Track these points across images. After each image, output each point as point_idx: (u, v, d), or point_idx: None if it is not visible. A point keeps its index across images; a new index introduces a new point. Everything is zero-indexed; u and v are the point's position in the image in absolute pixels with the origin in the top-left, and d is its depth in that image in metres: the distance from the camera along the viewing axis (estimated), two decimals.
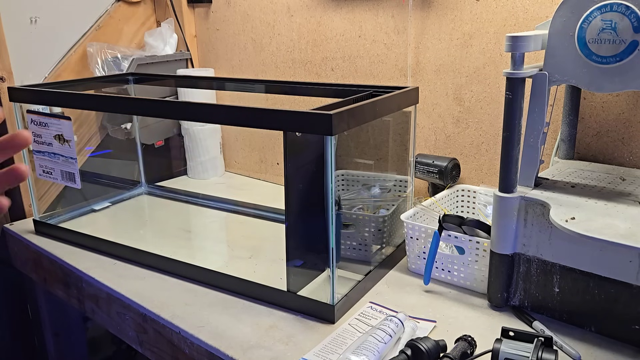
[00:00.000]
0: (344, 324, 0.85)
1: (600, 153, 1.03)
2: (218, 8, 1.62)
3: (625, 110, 0.99)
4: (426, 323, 0.84)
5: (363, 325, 0.84)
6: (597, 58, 0.74)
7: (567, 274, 0.80)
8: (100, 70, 1.48)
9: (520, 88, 0.79)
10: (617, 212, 0.76)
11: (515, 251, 0.84)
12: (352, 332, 0.82)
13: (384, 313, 0.86)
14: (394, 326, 0.78)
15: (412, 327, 0.81)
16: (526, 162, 0.83)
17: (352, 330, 0.83)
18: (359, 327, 0.83)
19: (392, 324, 0.79)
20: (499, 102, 1.13)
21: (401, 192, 1.14)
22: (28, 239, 1.23)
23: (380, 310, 0.88)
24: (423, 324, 0.83)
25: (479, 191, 1.10)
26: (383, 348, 0.75)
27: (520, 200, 0.82)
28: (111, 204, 1.43)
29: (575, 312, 0.81)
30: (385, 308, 0.88)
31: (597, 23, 0.73)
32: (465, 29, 1.15)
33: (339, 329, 0.83)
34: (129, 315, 0.98)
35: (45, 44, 1.44)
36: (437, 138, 1.25)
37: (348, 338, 0.80)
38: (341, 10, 1.34)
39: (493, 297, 0.87)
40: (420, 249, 0.98)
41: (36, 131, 1.16)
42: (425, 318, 0.85)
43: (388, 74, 1.29)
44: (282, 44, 1.48)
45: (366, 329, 0.80)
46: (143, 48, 1.63)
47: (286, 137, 0.82)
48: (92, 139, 1.54)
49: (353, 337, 0.80)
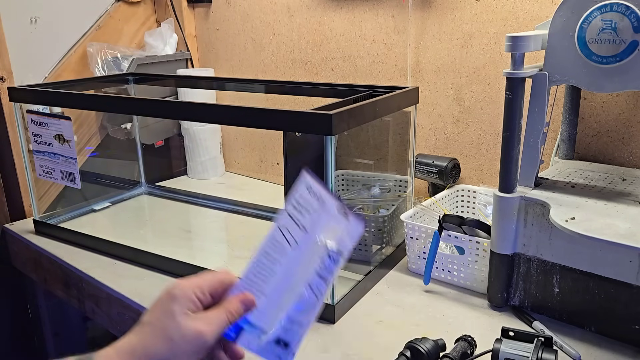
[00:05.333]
0: (344, 324, 0.85)
1: (600, 153, 1.03)
2: (218, 8, 1.62)
3: (625, 110, 0.99)
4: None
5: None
6: (597, 58, 0.74)
7: (567, 274, 0.80)
8: (100, 70, 1.48)
9: (520, 88, 0.79)
10: (617, 212, 0.76)
11: (515, 251, 0.84)
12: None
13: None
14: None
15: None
16: (526, 162, 0.83)
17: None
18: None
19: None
20: (499, 102, 1.13)
21: (401, 192, 1.14)
22: (28, 239, 1.23)
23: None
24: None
25: (479, 191, 1.10)
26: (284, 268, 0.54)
27: (520, 200, 0.82)
28: (111, 204, 1.43)
29: (575, 312, 0.81)
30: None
31: (597, 23, 0.73)
32: (465, 29, 1.15)
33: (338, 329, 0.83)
34: (129, 315, 0.98)
35: (45, 44, 1.44)
36: (437, 138, 1.25)
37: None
38: (341, 10, 1.34)
39: (493, 297, 0.87)
40: (420, 249, 0.98)
41: (36, 131, 1.16)
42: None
43: (388, 74, 1.29)
44: (282, 44, 1.48)
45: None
46: (143, 48, 1.63)
47: (286, 137, 0.82)
48: (92, 139, 1.54)
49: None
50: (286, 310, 0.54)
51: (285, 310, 0.54)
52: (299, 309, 0.55)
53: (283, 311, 0.54)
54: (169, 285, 0.50)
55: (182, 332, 0.47)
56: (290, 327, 0.54)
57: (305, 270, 0.55)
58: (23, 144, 1.22)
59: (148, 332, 0.48)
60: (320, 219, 0.56)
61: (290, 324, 0.54)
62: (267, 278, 0.54)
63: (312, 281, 0.55)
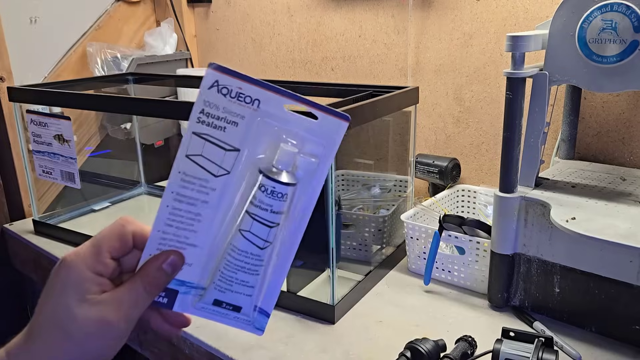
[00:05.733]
0: (344, 324, 0.85)
1: (601, 153, 1.03)
2: (218, 8, 1.62)
3: (626, 110, 0.98)
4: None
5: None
6: (598, 58, 0.74)
7: (568, 274, 0.80)
8: (99, 70, 1.48)
9: (520, 88, 0.78)
10: (617, 212, 0.76)
11: (516, 251, 0.84)
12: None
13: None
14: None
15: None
16: (526, 162, 0.83)
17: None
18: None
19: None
20: (500, 102, 1.13)
21: (401, 192, 1.14)
22: (28, 239, 1.23)
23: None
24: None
25: (479, 191, 1.10)
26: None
27: (520, 201, 0.82)
28: (111, 204, 1.42)
29: (576, 312, 0.80)
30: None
31: (598, 23, 0.73)
32: (465, 28, 1.15)
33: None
34: None
35: (45, 43, 1.44)
36: (437, 138, 1.25)
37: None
38: (341, 10, 1.33)
39: (493, 297, 0.87)
40: (420, 249, 0.97)
41: (36, 131, 1.16)
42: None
43: (388, 73, 1.29)
44: (282, 43, 1.48)
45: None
46: (143, 48, 1.62)
47: None
48: (91, 139, 1.54)
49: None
50: (217, 264, 0.42)
51: (216, 264, 0.42)
52: (234, 262, 0.42)
53: (214, 264, 0.42)
54: (59, 262, 0.40)
55: (83, 326, 0.38)
56: (228, 286, 0.42)
57: (243, 205, 0.41)
58: (22, 144, 1.22)
59: (41, 332, 0.39)
60: (254, 127, 0.40)
61: (227, 283, 0.42)
62: (192, 225, 0.41)
63: (247, 223, 0.41)
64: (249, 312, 0.43)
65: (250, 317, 0.43)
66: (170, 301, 0.42)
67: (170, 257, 0.41)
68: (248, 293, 0.43)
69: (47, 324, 0.39)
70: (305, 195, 0.42)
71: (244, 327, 0.44)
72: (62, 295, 0.38)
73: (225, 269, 0.42)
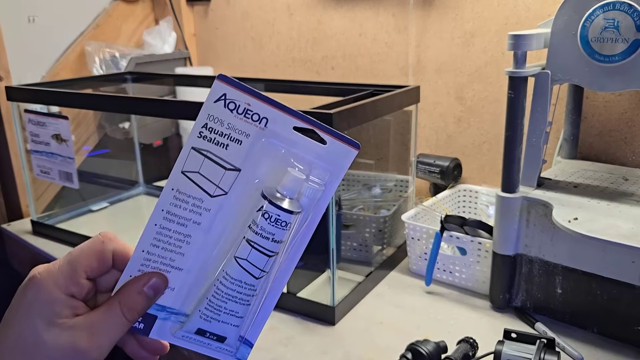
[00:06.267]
0: (344, 325, 0.84)
1: (603, 153, 1.02)
2: (217, 6, 1.61)
3: (628, 110, 0.98)
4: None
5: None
6: (600, 57, 0.73)
7: (570, 274, 0.79)
8: (98, 69, 1.48)
9: (522, 87, 0.78)
10: (619, 212, 0.75)
11: (518, 252, 0.83)
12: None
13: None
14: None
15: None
16: (528, 161, 0.82)
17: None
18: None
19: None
20: (501, 101, 1.12)
21: (402, 192, 1.13)
22: (26, 240, 1.22)
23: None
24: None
25: (480, 191, 1.09)
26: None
27: (522, 201, 0.81)
28: (109, 204, 1.42)
29: (578, 313, 0.80)
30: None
31: (600, 22, 0.72)
32: (466, 27, 1.14)
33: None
34: None
35: (43, 42, 1.43)
36: (439, 137, 1.25)
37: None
38: (341, 8, 1.33)
39: (495, 298, 0.87)
40: (421, 249, 0.97)
41: (34, 131, 1.15)
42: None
43: (389, 72, 1.28)
44: (282, 42, 1.48)
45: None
46: (141, 47, 1.62)
47: None
48: (90, 138, 1.53)
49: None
50: (205, 291, 0.39)
51: (203, 291, 0.39)
52: (225, 291, 0.39)
53: (201, 291, 0.39)
54: (27, 279, 0.36)
55: (52, 354, 0.34)
56: (216, 316, 0.39)
57: (240, 229, 0.38)
58: (20, 143, 1.21)
59: (3, 358, 0.35)
60: (259, 147, 0.37)
61: (215, 312, 0.39)
62: (180, 247, 0.38)
63: (244, 251, 0.38)
64: (233, 343, 0.40)
65: (233, 348, 0.40)
66: (147, 327, 0.39)
67: (153, 279, 0.37)
68: (236, 324, 0.40)
69: (11, 350, 0.34)
70: (307, 223, 0.40)
71: (225, 357, 0.41)
72: (29, 318, 0.34)
73: (214, 297, 0.39)
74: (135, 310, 0.37)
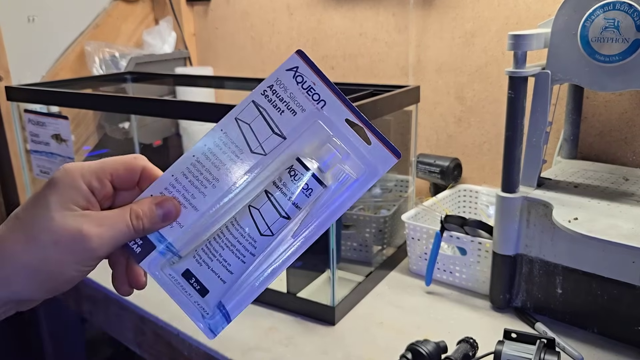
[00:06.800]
0: (344, 325, 0.84)
1: (603, 153, 1.02)
2: (217, 6, 1.61)
3: (628, 110, 0.98)
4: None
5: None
6: (600, 57, 0.73)
7: (570, 274, 0.79)
8: (98, 69, 1.47)
9: (522, 87, 0.78)
10: (620, 212, 0.75)
11: (518, 252, 0.83)
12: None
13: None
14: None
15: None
16: (529, 161, 0.82)
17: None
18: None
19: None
20: (501, 101, 1.12)
21: (402, 192, 1.13)
22: None
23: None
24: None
25: (481, 191, 1.09)
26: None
27: (522, 201, 0.81)
28: None
29: (578, 313, 0.80)
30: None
31: (600, 21, 0.72)
32: (467, 27, 1.14)
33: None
34: (126, 317, 0.97)
35: (43, 42, 1.43)
36: (439, 137, 1.24)
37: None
38: (342, 8, 1.33)
39: (495, 298, 0.87)
40: (421, 249, 0.97)
41: (34, 131, 1.15)
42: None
43: (389, 72, 1.28)
44: (281, 42, 1.48)
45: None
46: (141, 47, 1.62)
47: None
48: (89, 138, 1.53)
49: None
50: (208, 237, 0.39)
51: (206, 237, 0.39)
52: (226, 236, 0.38)
53: (204, 238, 0.39)
54: (60, 167, 0.37)
55: (54, 231, 0.35)
56: (208, 260, 0.38)
57: (262, 190, 0.39)
58: (20, 143, 1.21)
59: (11, 227, 0.36)
60: (309, 125, 0.39)
61: (209, 255, 0.38)
62: (205, 187, 0.39)
63: (260, 201, 0.38)
64: (212, 302, 0.39)
65: (209, 309, 0.39)
66: (142, 253, 0.39)
67: (169, 203, 0.38)
68: (224, 278, 0.38)
69: (20, 221, 0.36)
70: (325, 213, 0.40)
71: (197, 319, 0.39)
72: (47, 195, 0.36)
73: (214, 240, 0.38)
74: (142, 221, 0.37)
